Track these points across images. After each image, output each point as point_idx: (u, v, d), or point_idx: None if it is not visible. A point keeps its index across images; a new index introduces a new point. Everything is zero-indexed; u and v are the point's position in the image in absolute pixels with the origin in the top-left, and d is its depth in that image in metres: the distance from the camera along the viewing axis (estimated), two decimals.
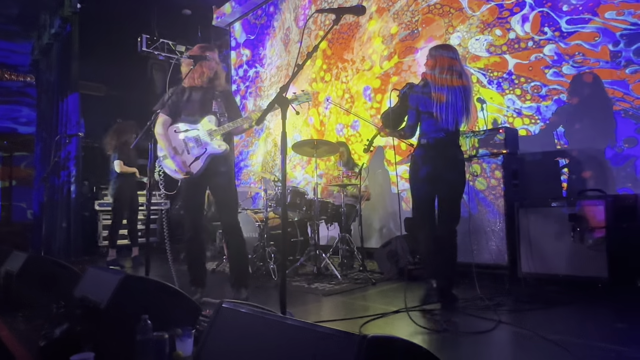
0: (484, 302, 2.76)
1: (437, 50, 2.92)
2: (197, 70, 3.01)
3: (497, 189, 3.47)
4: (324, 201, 4.42)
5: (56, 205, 6.70)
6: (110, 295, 1.72)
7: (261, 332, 1.22)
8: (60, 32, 6.99)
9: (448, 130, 2.81)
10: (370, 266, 4.34)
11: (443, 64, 2.82)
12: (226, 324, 1.36)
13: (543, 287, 3.10)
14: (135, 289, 1.78)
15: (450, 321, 2.47)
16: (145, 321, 1.55)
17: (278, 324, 1.19)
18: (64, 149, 6.43)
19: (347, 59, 5.78)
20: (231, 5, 7.49)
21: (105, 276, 1.91)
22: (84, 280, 2.10)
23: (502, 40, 4.17)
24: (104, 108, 7.86)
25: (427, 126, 2.89)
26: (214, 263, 4.87)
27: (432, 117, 2.83)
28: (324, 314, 2.80)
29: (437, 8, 4.73)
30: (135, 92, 7.91)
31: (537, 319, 2.47)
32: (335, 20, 2.12)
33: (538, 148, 3.85)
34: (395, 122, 3.05)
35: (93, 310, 1.73)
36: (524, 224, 3.28)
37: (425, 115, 2.87)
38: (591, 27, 3.62)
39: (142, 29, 7.61)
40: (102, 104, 8.01)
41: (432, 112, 2.81)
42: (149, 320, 1.55)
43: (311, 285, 3.65)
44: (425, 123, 2.90)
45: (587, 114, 3.65)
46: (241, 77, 7.76)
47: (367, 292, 3.41)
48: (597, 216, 2.95)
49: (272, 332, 1.18)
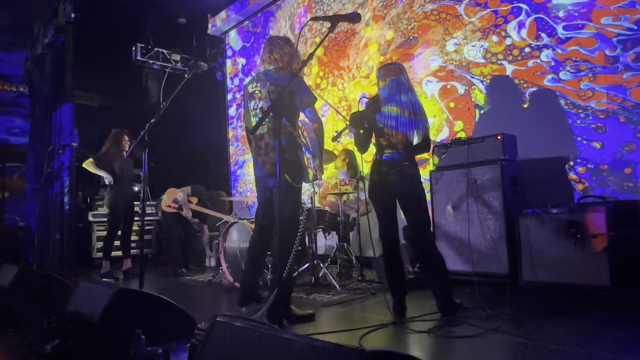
0: (485, 312, 2.75)
1: (384, 68, 3.08)
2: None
3: (496, 196, 3.46)
4: (322, 210, 4.41)
5: (49, 216, 6.66)
6: (102, 309, 1.70)
7: (257, 347, 1.21)
8: (54, 42, 7.00)
9: (399, 146, 2.92)
10: (369, 276, 4.31)
11: (390, 82, 2.97)
12: (221, 338, 1.34)
13: (544, 296, 3.08)
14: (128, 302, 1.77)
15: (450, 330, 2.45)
16: (138, 335, 1.53)
17: (274, 338, 1.17)
18: (58, 159, 6.40)
19: (343, 66, 5.81)
20: (227, 13, 7.53)
21: (98, 289, 1.89)
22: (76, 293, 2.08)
23: (499, 47, 4.20)
24: (98, 118, 7.85)
25: (378, 142, 3.02)
26: (210, 274, 4.84)
27: (385, 134, 2.95)
28: (322, 326, 2.77)
29: (434, 15, 4.76)
30: (129, 102, 7.91)
31: (539, 328, 2.46)
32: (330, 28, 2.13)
33: (537, 154, 3.86)
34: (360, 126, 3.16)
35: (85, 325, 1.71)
36: (524, 232, 3.27)
37: (379, 132, 3.00)
38: (587, 33, 3.65)
39: (136, 38, 7.62)
40: (96, 114, 8.00)
41: (385, 129, 2.94)
42: (142, 335, 1.53)
43: (309, 295, 3.63)
44: (377, 139, 3.03)
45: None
46: (237, 86, 7.78)
47: (366, 302, 3.39)
48: (598, 223, 2.95)
49: (268, 346, 1.17)
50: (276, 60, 2.91)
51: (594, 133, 3.62)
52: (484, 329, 2.43)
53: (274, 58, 2.91)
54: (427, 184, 3.68)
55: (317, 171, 2.86)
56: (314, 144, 2.84)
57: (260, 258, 3.01)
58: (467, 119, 4.46)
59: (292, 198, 2.82)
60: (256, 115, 2.91)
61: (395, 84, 2.97)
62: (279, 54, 2.91)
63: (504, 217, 3.38)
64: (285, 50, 2.92)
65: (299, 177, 2.83)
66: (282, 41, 2.98)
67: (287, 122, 2.72)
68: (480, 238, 3.48)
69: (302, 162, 2.83)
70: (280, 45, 2.94)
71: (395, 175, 2.93)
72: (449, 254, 3.58)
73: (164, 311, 1.82)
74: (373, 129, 3.04)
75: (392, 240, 3.02)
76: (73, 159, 6.50)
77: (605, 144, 3.56)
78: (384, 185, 2.97)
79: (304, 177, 2.85)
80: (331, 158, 4.50)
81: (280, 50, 2.92)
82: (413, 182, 2.95)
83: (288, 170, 2.75)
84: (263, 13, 7.17)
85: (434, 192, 3.83)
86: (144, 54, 7.67)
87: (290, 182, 2.75)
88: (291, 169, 2.77)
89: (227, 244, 4.32)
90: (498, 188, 3.45)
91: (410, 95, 2.96)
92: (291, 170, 2.77)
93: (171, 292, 4.17)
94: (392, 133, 2.92)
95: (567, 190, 3.72)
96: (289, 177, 2.74)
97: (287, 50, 2.93)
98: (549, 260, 3.12)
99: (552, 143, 3.84)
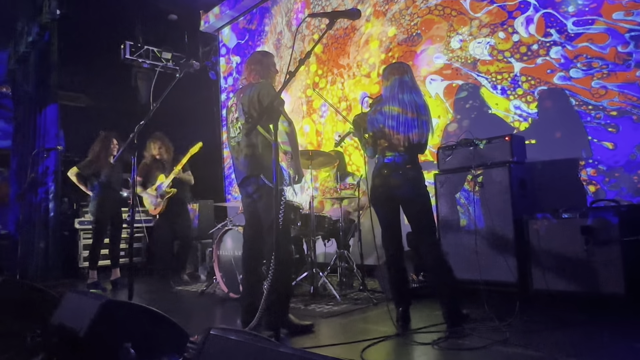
0: (493, 322, 2.75)
1: (388, 68, 3.12)
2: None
3: (504, 200, 3.46)
4: (321, 216, 4.41)
5: (33, 224, 6.65)
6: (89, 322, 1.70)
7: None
8: (38, 40, 7.01)
9: (401, 148, 2.93)
10: (371, 285, 4.31)
11: (393, 82, 3.00)
12: (215, 352, 1.34)
13: (556, 305, 3.08)
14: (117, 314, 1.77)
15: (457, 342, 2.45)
16: (127, 350, 1.53)
17: (271, 352, 1.17)
18: (42, 163, 6.40)
19: (343, 64, 5.83)
20: (220, 9, 7.55)
21: (85, 301, 1.89)
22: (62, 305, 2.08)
23: (506, 43, 4.22)
24: (84, 119, 7.85)
25: (381, 144, 3.04)
26: (203, 284, 4.83)
27: (386, 136, 2.97)
28: (322, 338, 2.77)
29: (438, 10, 4.78)
30: (118, 103, 7.92)
31: (550, 340, 2.46)
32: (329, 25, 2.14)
33: (547, 156, 3.87)
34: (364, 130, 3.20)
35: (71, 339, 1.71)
36: (534, 238, 3.27)
37: (379, 133, 3.01)
38: (598, 28, 3.67)
39: (125, 35, 7.64)
40: (82, 115, 7.99)
41: (385, 130, 2.96)
42: (132, 349, 1.53)
43: (308, 306, 3.62)
44: (380, 141, 3.05)
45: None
46: (231, 86, 7.79)
47: (368, 313, 3.39)
48: (611, 228, 2.95)
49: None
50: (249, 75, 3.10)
51: (606, 133, 3.63)
52: (491, 341, 2.43)
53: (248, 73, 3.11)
54: (431, 188, 3.69)
55: (297, 172, 2.93)
56: (289, 144, 2.90)
57: (256, 270, 3.03)
58: (473, 119, 4.47)
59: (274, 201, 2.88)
60: (234, 127, 3.07)
61: (398, 83, 2.99)
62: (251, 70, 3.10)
63: (513, 222, 3.38)
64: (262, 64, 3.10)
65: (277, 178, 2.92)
66: (259, 55, 3.21)
67: (260, 126, 2.87)
68: (488, 245, 3.48)
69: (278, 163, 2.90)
70: (257, 60, 3.13)
71: (397, 178, 2.93)
72: (455, 262, 3.56)
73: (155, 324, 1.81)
74: (375, 130, 3.05)
75: (396, 247, 3.02)
76: (58, 163, 6.50)
77: (618, 144, 3.57)
78: (386, 190, 2.97)
79: (283, 180, 2.96)
80: (331, 161, 4.50)
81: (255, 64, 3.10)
82: (416, 185, 2.95)
83: (265, 172, 2.87)
84: (258, 9, 7.20)
85: (438, 196, 3.83)
86: (133, 52, 7.69)
87: (269, 185, 2.84)
88: (268, 171, 2.86)
89: (221, 252, 4.32)
90: (506, 192, 3.45)
91: (415, 95, 2.97)
92: (268, 173, 2.85)
93: (162, 304, 4.16)
94: (393, 134, 2.93)
95: (579, 194, 3.73)
96: (266, 179, 2.85)
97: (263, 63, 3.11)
98: (560, 268, 3.12)
99: (563, 144, 3.85)
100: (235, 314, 3.64)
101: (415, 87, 3.04)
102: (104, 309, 1.73)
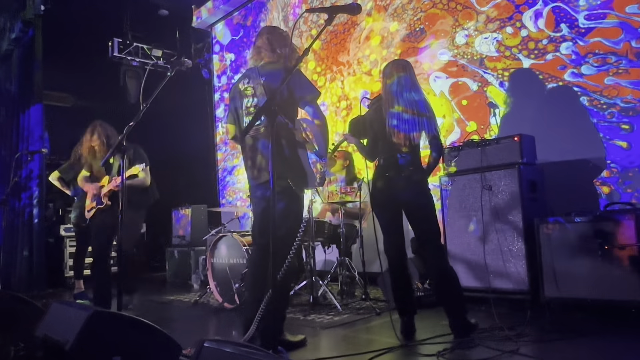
0: (503, 332, 2.74)
1: (389, 65, 3.12)
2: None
3: (513, 204, 3.47)
4: (320, 221, 4.41)
5: (16, 231, 6.63)
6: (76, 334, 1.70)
7: None
8: (21, 37, 7.01)
9: (403, 148, 2.93)
10: (374, 294, 4.31)
11: (394, 79, 3.00)
12: None
13: (569, 314, 3.08)
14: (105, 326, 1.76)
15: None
16: None
17: None
18: (26, 167, 6.39)
19: (343, 61, 5.84)
20: (213, 3, 7.57)
21: (71, 312, 1.89)
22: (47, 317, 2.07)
23: (514, 39, 4.23)
24: (71, 120, 7.83)
25: (381, 146, 3.03)
26: (196, 294, 4.82)
27: (387, 136, 2.96)
28: (322, 350, 2.77)
29: (443, 4, 4.80)
30: (106, 103, 7.92)
31: (563, 351, 2.46)
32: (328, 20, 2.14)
33: (558, 156, 3.87)
34: (361, 134, 3.20)
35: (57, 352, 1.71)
36: (545, 243, 3.27)
37: (380, 134, 3.01)
38: (611, 23, 3.68)
39: (113, 32, 7.65)
40: (68, 116, 8.00)
41: (386, 130, 2.95)
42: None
43: (307, 316, 3.62)
44: (380, 142, 3.04)
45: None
46: (226, 84, 7.80)
47: (371, 323, 3.38)
48: (627, 232, 2.96)
49: None
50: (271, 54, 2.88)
51: (620, 132, 3.64)
52: (501, 352, 2.42)
53: (270, 52, 2.88)
54: (436, 191, 3.69)
55: (323, 174, 2.81)
56: (320, 144, 2.77)
57: (264, 283, 2.90)
58: (480, 118, 4.48)
59: (295, 209, 2.75)
60: (250, 114, 2.84)
61: (399, 81, 2.99)
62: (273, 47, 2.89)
63: (523, 226, 3.39)
64: (284, 43, 2.91)
65: (302, 183, 2.74)
66: (283, 33, 3.01)
67: (286, 120, 2.67)
68: (497, 250, 3.48)
69: (305, 165, 2.74)
70: (281, 38, 2.94)
71: (400, 181, 2.93)
72: (462, 269, 3.58)
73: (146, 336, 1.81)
74: (375, 131, 3.05)
75: (399, 254, 3.02)
76: (43, 167, 6.49)
77: (632, 144, 3.58)
78: (388, 193, 2.97)
79: (308, 183, 2.77)
80: (330, 163, 4.50)
81: (277, 42, 2.91)
82: (420, 189, 2.95)
83: (290, 175, 2.65)
84: (253, 4, 7.22)
85: (444, 200, 3.83)
86: (121, 50, 7.70)
87: (292, 190, 2.66)
88: (293, 174, 2.67)
89: (215, 259, 4.32)
90: (515, 194, 3.45)
91: (414, 93, 2.97)
92: (293, 176, 2.67)
93: (153, 314, 4.16)
94: (395, 134, 2.92)
95: (592, 197, 3.73)
96: (292, 183, 2.65)
97: (286, 42, 2.92)
98: (573, 275, 3.12)
99: (575, 144, 3.85)
100: (230, 324, 3.64)
101: (415, 85, 3.03)
102: (92, 320, 1.73)
